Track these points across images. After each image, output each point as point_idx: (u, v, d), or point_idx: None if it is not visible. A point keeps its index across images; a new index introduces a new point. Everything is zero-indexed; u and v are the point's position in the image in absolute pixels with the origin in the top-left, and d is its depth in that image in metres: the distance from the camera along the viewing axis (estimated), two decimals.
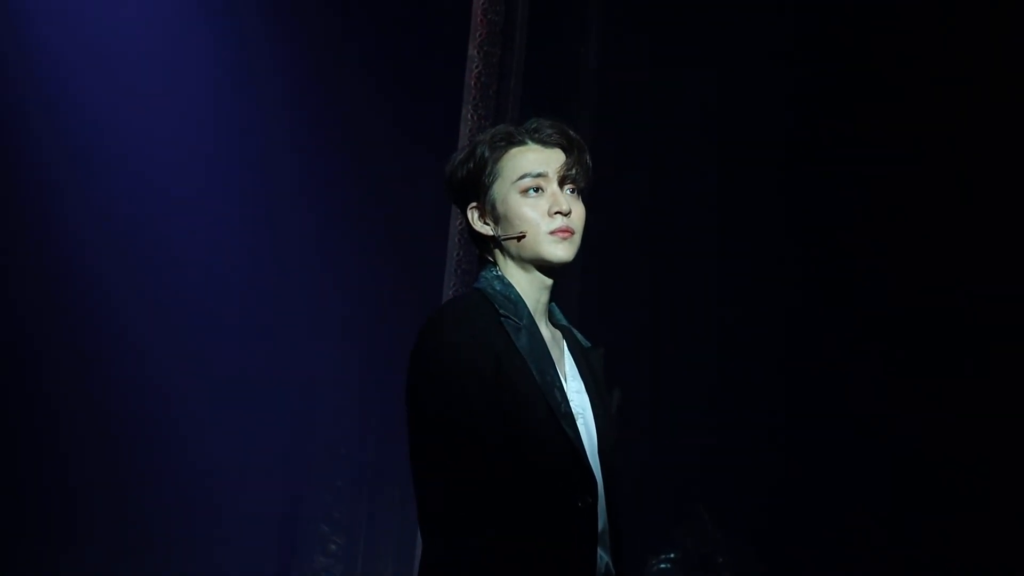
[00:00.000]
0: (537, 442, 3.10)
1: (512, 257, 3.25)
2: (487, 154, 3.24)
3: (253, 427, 6.75)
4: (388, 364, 6.74)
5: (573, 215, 3.23)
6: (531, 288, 3.25)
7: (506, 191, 3.23)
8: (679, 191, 6.96)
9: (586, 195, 3.29)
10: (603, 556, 3.18)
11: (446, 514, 3.05)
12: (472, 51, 6.21)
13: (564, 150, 3.25)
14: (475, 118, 6.17)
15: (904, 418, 6.67)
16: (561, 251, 3.22)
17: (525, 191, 3.22)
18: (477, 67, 6.20)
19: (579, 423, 3.18)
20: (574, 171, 3.24)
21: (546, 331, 3.27)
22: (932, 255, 6.65)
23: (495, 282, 3.23)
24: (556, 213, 3.21)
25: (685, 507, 6.82)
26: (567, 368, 3.27)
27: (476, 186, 3.25)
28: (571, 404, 3.18)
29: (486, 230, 3.26)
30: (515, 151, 3.24)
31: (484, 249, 3.29)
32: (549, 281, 3.26)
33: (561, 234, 3.21)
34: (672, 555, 6.79)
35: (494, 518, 3.04)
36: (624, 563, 3.23)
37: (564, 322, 3.35)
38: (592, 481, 3.15)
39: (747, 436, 6.84)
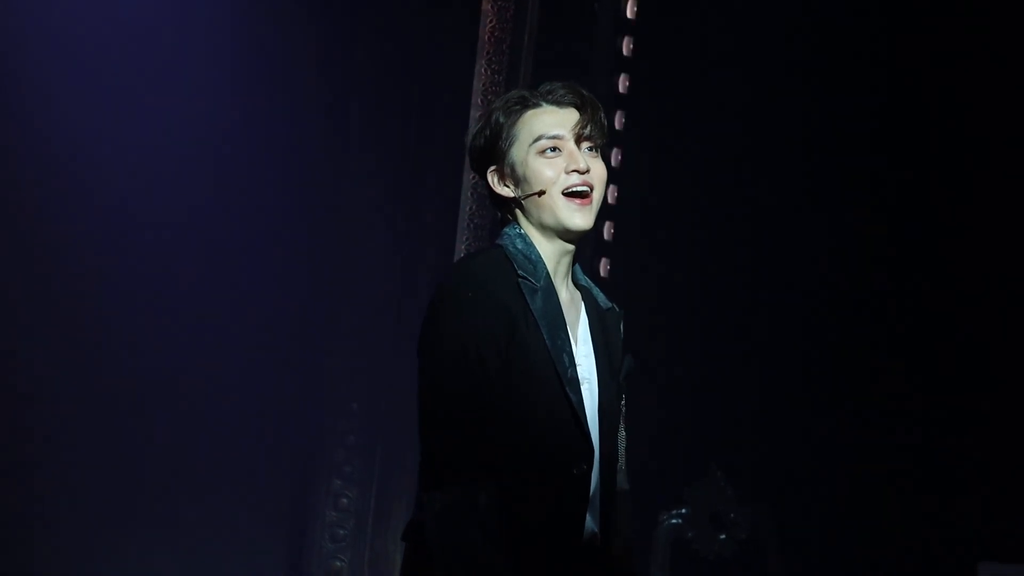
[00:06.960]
0: (541, 407, 3.17)
1: (533, 221, 3.28)
2: (502, 119, 3.28)
3: (264, 381, 6.74)
4: (398, 317, 6.74)
5: (592, 172, 3.27)
6: (552, 250, 3.28)
7: (524, 154, 3.27)
8: (698, 149, 6.87)
9: (606, 153, 3.33)
10: (590, 522, 3.23)
11: (444, 469, 3.11)
12: (486, 6, 6.19)
13: (578, 109, 3.29)
14: (488, 73, 6.16)
15: (919, 392, 6.68)
16: (579, 219, 3.26)
17: (543, 151, 3.26)
18: (491, 21, 6.19)
19: (584, 388, 3.23)
20: (589, 129, 3.28)
21: (565, 293, 3.30)
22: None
23: (517, 240, 3.27)
24: (573, 171, 3.25)
25: (698, 464, 6.83)
26: (580, 331, 3.31)
27: (494, 151, 3.29)
28: (578, 369, 3.23)
29: (506, 192, 3.29)
30: (530, 114, 3.28)
31: (506, 211, 3.32)
32: (570, 246, 3.30)
33: (579, 201, 3.26)
34: (683, 511, 6.81)
35: (490, 479, 3.11)
36: (615, 527, 3.30)
37: (584, 282, 3.37)
38: (589, 448, 3.21)
39: (762, 395, 6.83)
